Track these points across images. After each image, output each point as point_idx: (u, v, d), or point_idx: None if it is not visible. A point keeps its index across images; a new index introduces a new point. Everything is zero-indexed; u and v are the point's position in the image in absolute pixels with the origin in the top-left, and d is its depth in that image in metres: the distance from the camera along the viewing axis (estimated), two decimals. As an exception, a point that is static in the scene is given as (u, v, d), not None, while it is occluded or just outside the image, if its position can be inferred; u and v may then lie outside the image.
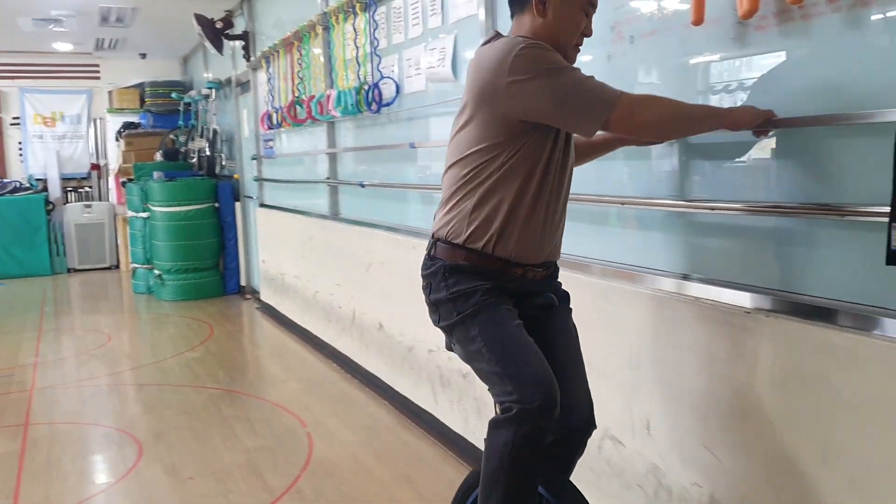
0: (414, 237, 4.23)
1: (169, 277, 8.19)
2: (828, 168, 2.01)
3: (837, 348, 1.85)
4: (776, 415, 2.04)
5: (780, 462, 2.04)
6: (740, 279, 2.24)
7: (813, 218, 2.03)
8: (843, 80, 1.93)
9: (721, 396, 2.21)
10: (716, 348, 2.21)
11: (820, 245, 2.03)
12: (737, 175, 2.31)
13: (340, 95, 4.95)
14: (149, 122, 10.70)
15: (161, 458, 3.83)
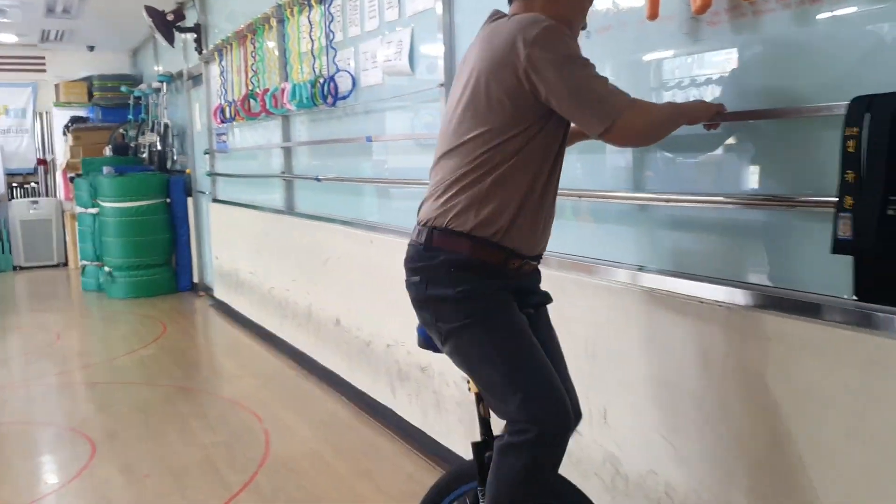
0: (371, 231, 4.23)
1: (120, 274, 8.07)
2: (778, 161, 2.06)
3: (787, 336, 1.91)
4: (728, 402, 2.09)
5: (732, 448, 2.09)
6: (694, 270, 2.28)
7: (764, 209, 2.07)
8: (793, 75, 1.97)
9: (676, 385, 2.25)
10: (670, 338, 2.25)
11: (772, 236, 2.08)
12: (690, 168, 2.35)
13: (295, 89, 4.92)
14: (97, 117, 10.54)
15: (115, 456, 3.78)
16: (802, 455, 1.89)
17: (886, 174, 1.63)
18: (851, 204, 1.67)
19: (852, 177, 1.67)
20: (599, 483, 2.58)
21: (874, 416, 1.72)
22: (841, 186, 1.70)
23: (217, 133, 7.43)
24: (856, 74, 1.81)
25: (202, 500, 3.28)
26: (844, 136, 1.69)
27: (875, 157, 1.64)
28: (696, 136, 2.23)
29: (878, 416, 1.71)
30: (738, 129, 2.15)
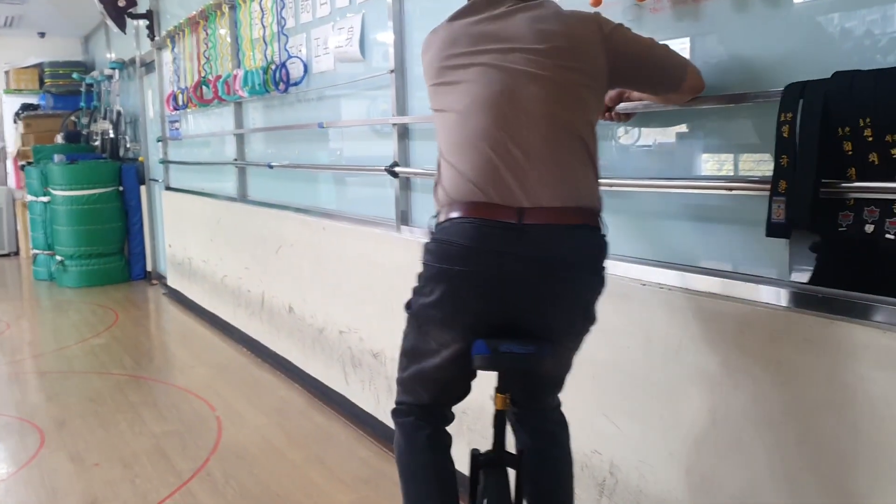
0: (324, 218, 4.22)
1: (71, 263, 7.95)
2: (718, 145, 2.10)
3: (726, 316, 1.95)
4: (669, 382, 2.13)
5: (673, 427, 2.13)
6: (635, 253, 2.32)
7: (704, 192, 2.12)
8: (732, 62, 2.01)
9: (618, 366, 2.29)
10: (614, 320, 2.28)
11: (711, 218, 2.12)
12: (630, 153, 2.38)
13: (247, 75, 4.88)
14: (48, 104, 10.35)
15: (65, 445, 3.74)
16: (742, 436, 1.93)
17: (818, 158, 1.67)
18: (785, 188, 1.71)
19: (786, 161, 1.71)
20: (547, 465, 2.61)
21: (803, 395, 1.77)
22: (775, 171, 1.74)
23: (170, 120, 7.34)
24: (792, 61, 1.85)
25: (152, 488, 3.26)
26: (779, 122, 1.73)
27: (807, 141, 1.69)
28: (637, 121, 2.27)
29: (810, 392, 1.76)
30: (678, 114, 2.18)
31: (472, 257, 1.74)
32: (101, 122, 9.09)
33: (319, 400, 4.24)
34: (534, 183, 1.74)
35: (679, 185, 2.17)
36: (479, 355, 1.77)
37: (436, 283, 1.81)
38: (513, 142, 1.76)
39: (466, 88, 1.84)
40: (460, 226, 1.76)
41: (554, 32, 1.83)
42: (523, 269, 1.74)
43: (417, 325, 1.92)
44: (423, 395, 2.01)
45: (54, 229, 8.04)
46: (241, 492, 3.21)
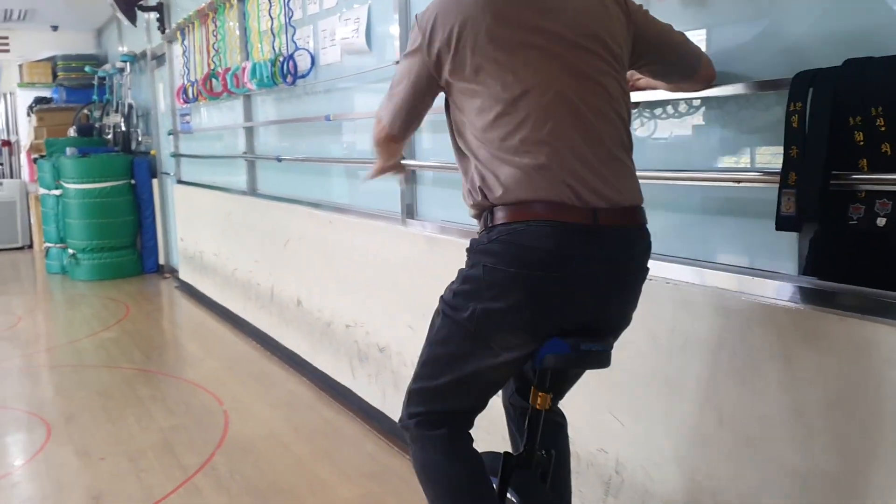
0: (332, 212, 4.19)
1: (84, 257, 7.96)
2: (726, 136, 2.05)
3: (733, 312, 1.90)
4: (675, 380, 2.08)
5: (680, 425, 2.09)
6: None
7: (711, 185, 2.07)
8: (741, 50, 1.96)
9: (623, 363, 2.23)
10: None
11: (719, 211, 2.07)
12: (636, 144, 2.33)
13: (256, 67, 4.85)
14: (61, 97, 10.36)
15: (71, 439, 3.73)
16: (749, 435, 1.89)
17: (829, 149, 1.62)
18: (795, 180, 1.66)
19: (796, 152, 1.66)
20: (553, 462, 2.57)
21: (813, 393, 1.72)
22: (785, 162, 1.69)
23: (181, 114, 7.33)
24: (801, 49, 1.80)
25: (158, 482, 3.24)
26: (788, 112, 1.67)
27: (817, 131, 1.63)
28: (658, 112, 2.22)
29: (821, 390, 1.72)
30: (690, 105, 2.13)
31: (553, 263, 1.67)
32: (114, 116, 9.10)
33: (327, 394, 4.22)
34: (606, 183, 1.70)
35: (685, 178, 2.11)
36: (556, 354, 1.72)
37: (509, 289, 1.69)
38: (585, 140, 1.70)
39: (524, 77, 1.71)
40: (538, 229, 1.67)
41: (600, 15, 1.77)
42: (601, 272, 1.70)
43: (473, 330, 1.74)
44: (463, 401, 1.87)
45: (66, 223, 8.06)
46: (245, 486, 3.18)
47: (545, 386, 1.83)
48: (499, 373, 1.82)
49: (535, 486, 1.90)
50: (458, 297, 1.77)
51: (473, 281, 1.74)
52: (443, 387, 1.83)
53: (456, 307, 1.77)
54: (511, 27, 1.71)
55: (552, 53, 1.70)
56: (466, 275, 1.77)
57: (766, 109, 1.92)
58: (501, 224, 1.70)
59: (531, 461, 1.90)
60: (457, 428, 1.88)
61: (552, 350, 1.71)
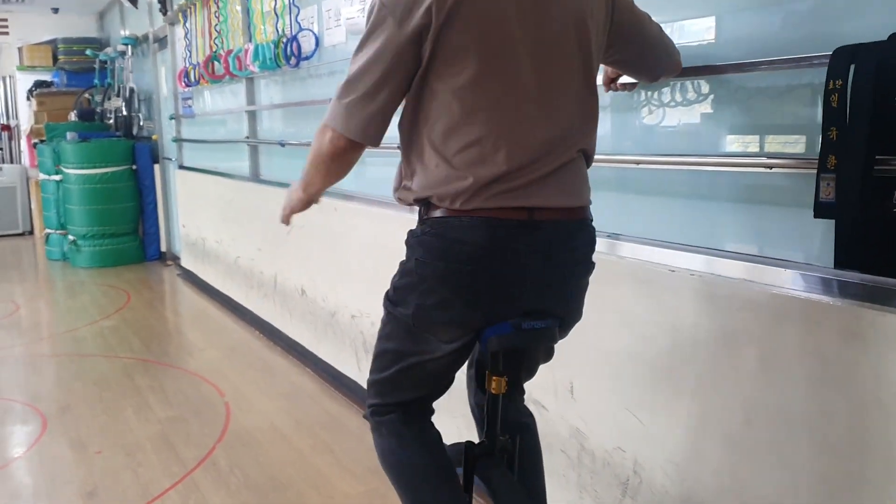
0: (337, 199, 4.06)
1: (84, 243, 7.85)
2: (755, 118, 1.93)
3: (763, 306, 1.78)
4: (699, 376, 1.96)
5: (703, 424, 1.97)
6: (663, 236, 2.15)
7: (742, 171, 1.94)
8: (774, 24, 1.84)
9: (644, 358, 2.13)
10: (639, 308, 2.12)
11: (747, 199, 1.95)
12: (655, 128, 2.21)
13: (258, 49, 4.73)
14: (62, 81, 10.22)
15: (67, 431, 3.62)
16: (777, 436, 1.77)
17: (871, 131, 1.50)
18: (835, 164, 1.54)
19: (835, 134, 1.54)
20: (565, 459, 2.46)
21: (848, 395, 1.60)
22: (823, 145, 1.56)
23: (182, 98, 7.21)
24: (839, 22, 1.67)
25: (154, 477, 3.14)
26: (827, 90, 1.55)
27: (859, 112, 1.51)
28: (674, 92, 2.10)
29: (856, 390, 1.60)
30: (715, 84, 2.01)
31: (484, 257, 1.64)
32: (115, 100, 8.96)
33: (331, 385, 4.11)
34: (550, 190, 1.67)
35: (711, 163, 1.99)
36: (499, 336, 1.69)
37: (439, 283, 1.68)
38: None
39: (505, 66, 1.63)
40: (470, 222, 1.64)
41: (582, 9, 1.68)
42: (535, 266, 1.68)
43: (412, 325, 1.74)
44: (409, 392, 1.87)
45: (67, 208, 7.94)
46: (245, 481, 3.08)
47: (498, 369, 1.80)
48: (443, 363, 1.80)
49: (501, 473, 1.88)
50: (397, 291, 1.76)
51: (408, 275, 1.73)
52: (391, 379, 1.84)
53: (395, 302, 1.76)
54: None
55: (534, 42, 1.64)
56: (402, 269, 1.76)
57: (800, 88, 1.79)
58: (435, 217, 1.68)
59: (494, 448, 1.88)
60: (409, 413, 1.89)
61: (495, 332, 1.69)
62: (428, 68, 1.62)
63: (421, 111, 1.68)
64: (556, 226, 1.67)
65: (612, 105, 2.38)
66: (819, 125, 1.61)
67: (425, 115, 1.67)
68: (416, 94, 1.68)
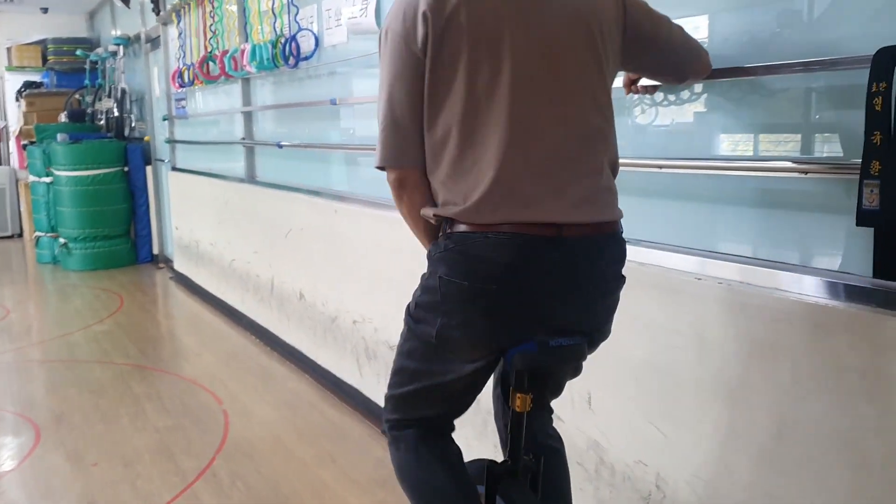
0: (335, 201, 3.99)
1: (76, 246, 7.73)
2: (797, 121, 1.86)
3: (797, 317, 1.71)
4: (727, 387, 1.89)
5: (732, 438, 1.90)
6: (689, 243, 2.08)
7: (777, 176, 1.87)
8: (814, 24, 1.77)
9: (667, 368, 2.06)
10: (660, 318, 2.05)
11: (779, 205, 1.88)
12: (677, 131, 2.14)
13: (255, 49, 4.63)
14: (52, 82, 10.11)
15: (62, 442, 3.53)
16: (811, 451, 1.70)
17: (918, 135, 1.43)
18: (879, 169, 1.47)
19: (879, 138, 1.47)
20: (582, 472, 2.38)
21: (891, 405, 1.54)
22: (866, 149, 1.49)
23: (176, 98, 7.10)
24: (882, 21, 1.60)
25: (154, 489, 3.05)
26: (870, 93, 1.48)
27: (906, 115, 1.44)
28: (705, 94, 2.03)
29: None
30: (746, 88, 1.94)
31: (509, 276, 1.59)
32: (106, 101, 8.84)
33: (332, 393, 4.02)
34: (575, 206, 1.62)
35: (742, 168, 1.92)
36: (523, 353, 1.61)
37: (463, 303, 1.62)
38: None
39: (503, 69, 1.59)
40: (496, 239, 1.59)
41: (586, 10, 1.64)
42: (563, 285, 1.62)
43: (434, 345, 1.68)
44: (428, 409, 1.82)
45: (58, 211, 7.83)
46: (248, 493, 3.00)
47: (523, 387, 1.71)
48: (464, 383, 1.75)
49: (524, 495, 1.80)
50: (419, 308, 1.71)
51: (430, 292, 1.67)
52: (410, 396, 1.80)
53: (417, 320, 1.71)
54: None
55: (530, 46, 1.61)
56: (425, 284, 1.70)
57: (839, 91, 1.72)
58: (459, 232, 1.61)
59: (517, 467, 1.80)
60: (429, 428, 1.85)
61: (520, 349, 1.62)
62: (433, 79, 1.59)
63: (432, 126, 1.63)
64: (585, 241, 1.61)
65: (629, 108, 2.31)
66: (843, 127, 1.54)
67: (435, 129, 1.63)
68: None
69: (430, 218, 1.69)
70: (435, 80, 1.59)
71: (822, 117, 1.81)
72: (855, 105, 1.58)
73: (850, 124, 1.61)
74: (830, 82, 1.73)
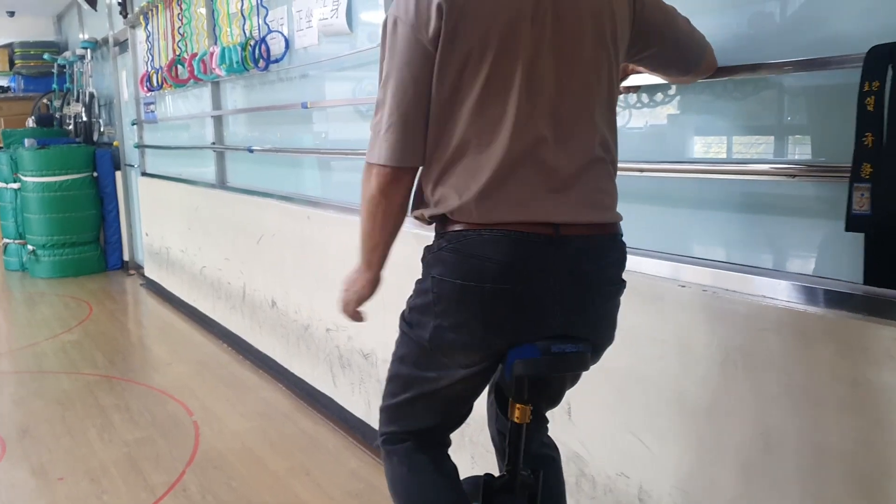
0: (309, 206, 3.90)
1: (44, 253, 7.58)
2: (785, 122, 1.81)
3: (784, 325, 1.65)
4: (712, 399, 1.83)
5: (716, 450, 1.84)
6: (671, 249, 2.02)
7: (764, 179, 1.81)
8: (805, 22, 1.72)
9: (649, 379, 2.00)
10: (643, 326, 1.98)
11: (766, 209, 1.82)
12: (657, 134, 2.09)
13: (224, 52, 4.54)
14: (19, 86, 9.93)
15: (27, 456, 3.41)
16: (803, 463, 1.64)
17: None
18: (870, 173, 1.42)
19: (871, 140, 1.42)
20: (562, 485, 2.32)
21: (885, 423, 1.48)
22: (857, 151, 1.44)
23: (145, 103, 6.98)
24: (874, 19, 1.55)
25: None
26: (862, 92, 1.43)
27: (897, 116, 1.39)
28: (693, 95, 1.98)
29: (893, 413, 1.47)
30: (742, 87, 1.88)
31: (505, 276, 1.53)
32: (74, 105, 8.70)
33: (305, 403, 3.93)
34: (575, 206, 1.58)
35: (728, 171, 1.87)
36: (525, 360, 1.54)
37: (458, 303, 1.57)
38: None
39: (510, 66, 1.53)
40: (492, 237, 1.53)
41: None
42: (562, 287, 1.56)
43: (428, 349, 1.62)
44: (422, 420, 1.76)
45: (25, 217, 7.67)
46: (219, 509, 2.91)
47: (522, 397, 1.64)
48: (459, 389, 1.69)
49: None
50: (413, 312, 1.66)
51: (423, 294, 1.62)
52: (404, 405, 1.75)
53: (411, 324, 1.66)
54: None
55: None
56: (418, 288, 1.65)
57: (827, 92, 1.67)
58: (454, 231, 1.56)
59: (515, 483, 1.73)
60: (424, 443, 1.78)
61: (521, 355, 1.54)
62: (441, 73, 1.51)
63: (434, 123, 1.56)
64: (585, 242, 1.56)
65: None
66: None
67: (438, 126, 1.56)
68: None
69: (423, 219, 1.63)
70: (443, 76, 1.52)
71: (812, 120, 1.76)
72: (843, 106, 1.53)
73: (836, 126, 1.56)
74: (817, 82, 1.69)
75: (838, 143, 1.58)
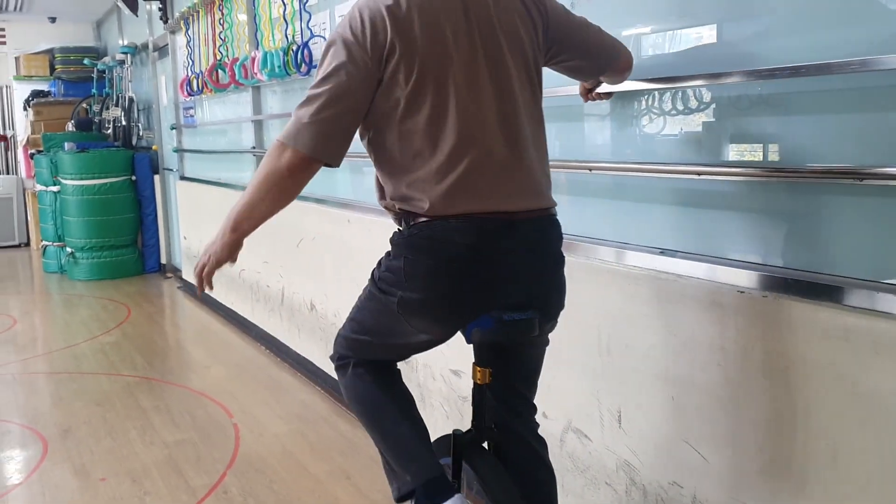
0: (347, 210, 3.90)
1: (82, 256, 7.66)
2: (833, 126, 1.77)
3: (852, 332, 1.61)
4: (774, 408, 1.79)
5: (777, 462, 1.80)
6: (732, 255, 1.99)
7: (819, 185, 1.77)
8: (850, 23, 1.67)
9: (706, 386, 1.96)
10: (701, 332, 1.95)
11: (828, 215, 1.78)
12: (719, 137, 2.05)
13: (266, 57, 4.56)
14: (59, 91, 10.04)
15: (69, 456, 3.43)
16: (871, 479, 1.59)
17: None
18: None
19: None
20: (611, 493, 2.28)
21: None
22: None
23: (184, 107, 7.04)
24: None
25: (163, 507, 2.96)
26: None
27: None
28: (728, 96, 1.94)
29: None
30: (783, 89, 1.84)
31: (472, 256, 1.74)
32: (114, 110, 8.79)
33: (343, 407, 3.92)
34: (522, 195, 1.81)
35: (785, 175, 1.83)
36: (481, 329, 1.78)
37: (427, 281, 1.77)
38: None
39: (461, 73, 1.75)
40: (457, 224, 1.74)
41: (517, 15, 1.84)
42: (520, 262, 1.79)
43: (396, 312, 1.81)
44: (383, 356, 2.01)
45: (64, 220, 7.76)
46: (260, 513, 2.90)
47: (482, 361, 1.90)
48: (416, 347, 1.94)
49: (487, 460, 1.94)
50: (383, 281, 1.84)
51: (396, 271, 1.80)
52: (366, 344, 1.96)
53: (382, 289, 1.84)
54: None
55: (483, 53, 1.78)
56: (389, 264, 1.83)
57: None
58: (423, 222, 1.75)
59: (481, 436, 1.96)
60: (375, 366, 2.00)
61: (478, 325, 1.78)
62: (387, 89, 1.71)
63: (381, 133, 1.77)
64: (533, 224, 1.79)
65: (613, 114, 2.26)
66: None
67: (383, 136, 1.77)
68: (376, 113, 1.75)
69: (394, 209, 1.82)
70: (391, 91, 1.70)
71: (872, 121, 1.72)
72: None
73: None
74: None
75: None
